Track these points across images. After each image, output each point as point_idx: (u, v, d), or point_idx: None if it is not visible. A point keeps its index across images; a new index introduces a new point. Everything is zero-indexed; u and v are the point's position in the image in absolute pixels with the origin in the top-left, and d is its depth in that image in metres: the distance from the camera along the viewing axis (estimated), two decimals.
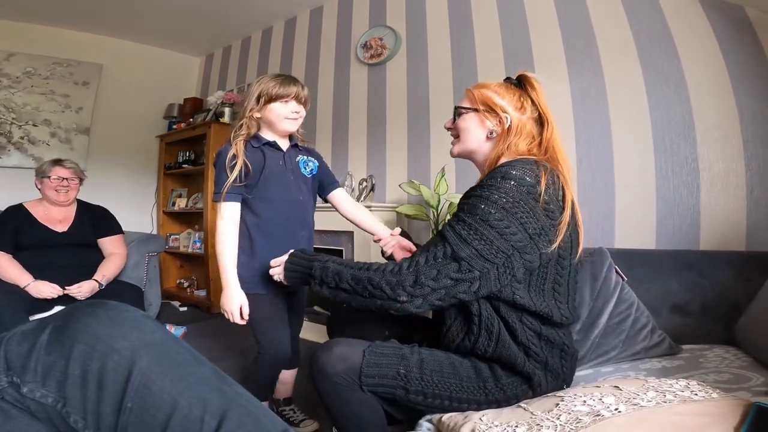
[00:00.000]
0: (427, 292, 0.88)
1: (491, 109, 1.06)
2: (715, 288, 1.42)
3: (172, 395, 0.53)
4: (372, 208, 2.46)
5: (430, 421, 0.94)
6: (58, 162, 2.09)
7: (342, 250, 2.67)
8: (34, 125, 3.42)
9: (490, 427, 0.80)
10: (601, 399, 0.78)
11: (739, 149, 1.69)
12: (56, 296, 1.84)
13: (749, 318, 1.23)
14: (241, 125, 1.33)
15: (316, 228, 2.80)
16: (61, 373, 0.53)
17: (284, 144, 1.41)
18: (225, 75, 4.09)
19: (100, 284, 1.97)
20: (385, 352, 0.94)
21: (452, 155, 1.17)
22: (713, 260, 1.48)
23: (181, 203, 3.97)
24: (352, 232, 2.57)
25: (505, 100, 1.06)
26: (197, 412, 0.53)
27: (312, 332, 2.78)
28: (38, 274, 1.86)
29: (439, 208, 2.25)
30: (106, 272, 2.03)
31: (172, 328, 2.68)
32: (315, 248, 3.08)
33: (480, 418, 0.83)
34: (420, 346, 1.02)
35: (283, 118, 1.33)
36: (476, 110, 1.08)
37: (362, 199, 2.68)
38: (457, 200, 2.37)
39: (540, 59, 2.21)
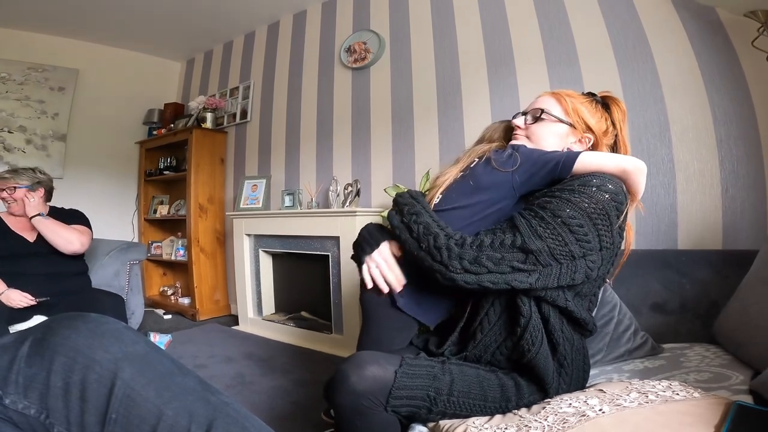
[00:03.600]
0: (483, 272, 0.86)
1: (585, 126, 1.03)
2: (693, 286, 1.45)
3: (157, 405, 0.54)
4: (357, 213, 2.46)
5: (424, 424, 0.94)
6: None
7: (328, 255, 2.66)
8: (9, 132, 3.33)
9: (481, 429, 0.81)
10: (585, 401, 0.79)
11: (713, 149, 1.74)
12: (26, 305, 1.80)
13: (727, 315, 1.26)
14: None
15: (302, 233, 2.79)
16: (43, 385, 0.53)
17: None
18: (207, 80, 4.05)
19: (40, 213, 1.97)
20: (417, 372, 0.89)
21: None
22: (691, 259, 1.51)
23: (162, 210, 3.91)
24: (338, 237, 2.56)
25: (594, 120, 1.03)
26: (183, 422, 0.53)
27: (297, 337, 2.76)
28: (12, 284, 1.82)
29: None
30: (48, 222, 1.99)
31: (156, 337, 2.63)
32: (300, 254, 3.02)
33: (473, 422, 0.85)
34: (448, 357, 0.99)
35: None
36: (570, 125, 1.03)
37: (347, 203, 2.67)
38: None
39: (520, 61, 2.24)
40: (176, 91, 4.37)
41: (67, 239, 2.01)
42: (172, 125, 3.81)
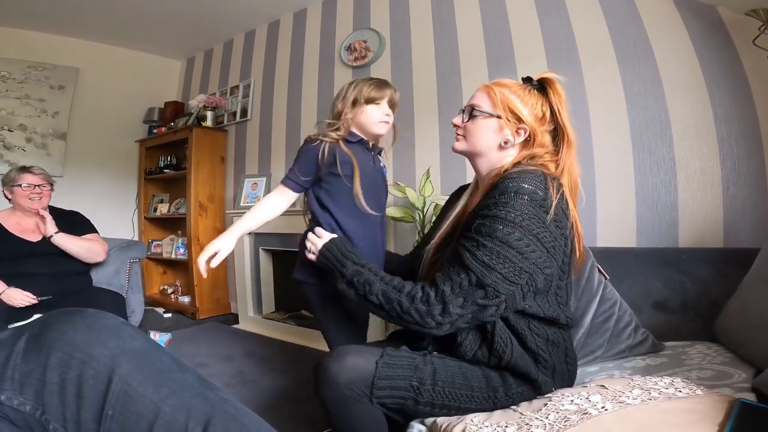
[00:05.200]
0: (455, 319, 0.88)
1: (516, 117, 1.00)
2: (694, 285, 1.45)
3: (155, 402, 0.53)
4: None
5: (422, 422, 0.94)
6: (25, 169, 2.02)
7: None
8: (10, 130, 3.33)
9: (480, 427, 0.80)
10: (588, 398, 0.79)
11: (714, 148, 1.73)
12: (28, 304, 1.80)
13: (728, 314, 1.26)
14: (337, 127, 1.34)
15: (302, 232, 2.78)
16: (39, 381, 0.53)
17: (369, 145, 1.44)
18: (207, 78, 4.04)
19: (56, 231, 1.97)
20: (398, 363, 0.91)
21: (455, 150, 1.11)
22: (692, 257, 1.51)
23: (162, 209, 3.91)
24: None
25: (527, 108, 1.00)
26: (181, 419, 0.52)
27: (298, 335, 2.76)
28: (14, 285, 1.81)
29: (425, 210, 2.25)
30: (70, 237, 2.02)
31: (156, 335, 2.63)
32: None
33: (471, 419, 0.84)
34: (431, 352, 1.00)
35: (377, 121, 1.35)
36: (498, 117, 1.01)
37: None
38: (442, 202, 2.34)
39: (521, 59, 2.23)
40: (176, 89, 4.36)
41: (94, 251, 2.09)
42: (173, 124, 3.80)
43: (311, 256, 1.15)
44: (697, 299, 1.43)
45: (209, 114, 3.64)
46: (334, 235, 1.16)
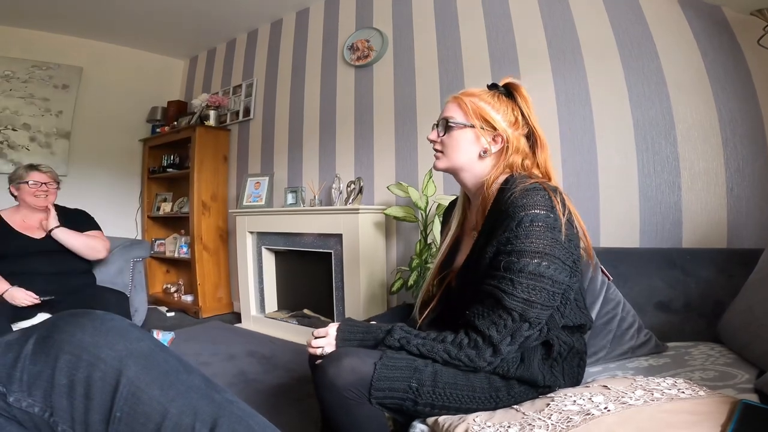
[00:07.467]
0: (505, 354, 0.90)
1: (489, 125, 1.00)
2: (698, 285, 1.44)
3: (162, 403, 0.53)
4: (360, 211, 2.46)
5: (424, 422, 0.94)
6: (33, 167, 2.04)
7: (331, 253, 2.66)
8: (14, 130, 3.35)
9: (483, 427, 0.80)
10: (590, 398, 0.79)
11: (719, 148, 1.73)
12: (31, 303, 1.80)
13: (732, 314, 1.26)
14: None
15: (306, 230, 2.80)
16: (48, 383, 0.53)
17: None
18: (210, 77, 4.05)
19: (57, 226, 1.99)
20: (397, 365, 0.90)
21: (436, 169, 1.10)
22: (696, 258, 1.51)
23: (166, 208, 3.93)
24: (340, 235, 2.56)
25: (500, 114, 1.01)
26: (188, 420, 0.53)
27: (300, 334, 2.76)
28: (18, 282, 1.82)
29: (427, 210, 2.26)
30: (71, 232, 2.03)
31: (159, 334, 2.64)
32: (303, 251, 3.01)
33: (474, 419, 0.84)
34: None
35: None
36: (472, 126, 1.01)
37: (350, 201, 2.67)
38: (445, 202, 2.35)
39: (524, 60, 2.23)
40: (179, 89, 4.37)
41: (94, 248, 2.09)
42: (176, 123, 3.81)
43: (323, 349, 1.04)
44: (701, 300, 1.42)
45: (212, 113, 3.65)
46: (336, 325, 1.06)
